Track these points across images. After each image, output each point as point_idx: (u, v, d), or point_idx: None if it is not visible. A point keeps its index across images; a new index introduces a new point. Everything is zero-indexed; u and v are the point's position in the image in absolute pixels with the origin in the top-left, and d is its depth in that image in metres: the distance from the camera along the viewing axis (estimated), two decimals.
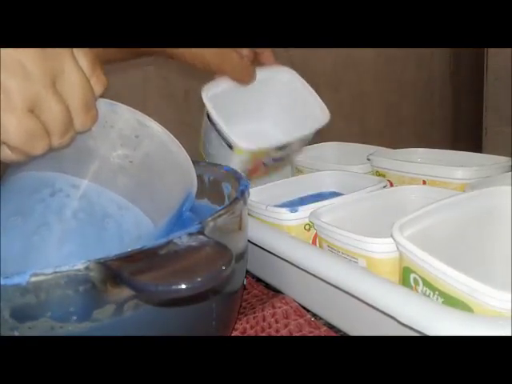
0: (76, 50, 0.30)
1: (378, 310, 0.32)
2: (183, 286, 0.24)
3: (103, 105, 0.34)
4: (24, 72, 0.27)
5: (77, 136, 0.32)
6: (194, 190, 0.40)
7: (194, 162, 0.39)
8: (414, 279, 0.34)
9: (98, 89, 0.32)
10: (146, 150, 0.35)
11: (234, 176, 0.43)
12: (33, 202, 0.33)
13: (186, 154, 0.38)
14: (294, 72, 0.55)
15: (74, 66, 0.30)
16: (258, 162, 0.52)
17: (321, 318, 0.43)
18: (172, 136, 0.36)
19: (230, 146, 0.48)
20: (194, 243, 0.28)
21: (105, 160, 0.34)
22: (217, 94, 0.51)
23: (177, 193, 0.38)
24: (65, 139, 0.30)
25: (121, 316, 0.28)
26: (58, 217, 0.32)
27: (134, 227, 0.35)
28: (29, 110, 0.28)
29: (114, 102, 0.35)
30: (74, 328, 0.27)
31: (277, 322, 0.42)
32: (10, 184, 0.35)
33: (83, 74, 0.30)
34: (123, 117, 0.35)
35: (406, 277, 0.35)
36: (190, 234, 0.29)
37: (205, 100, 0.49)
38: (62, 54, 0.29)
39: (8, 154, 0.30)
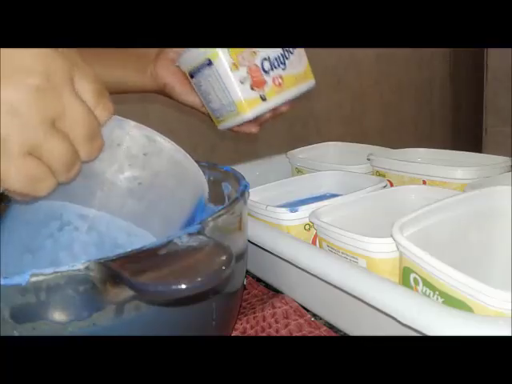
0: (80, 82, 0.29)
1: (378, 309, 0.32)
2: (183, 286, 0.24)
3: (110, 120, 0.32)
4: (17, 116, 0.27)
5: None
6: (206, 194, 0.39)
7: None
8: (414, 279, 0.34)
9: (104, 117, 0.31)
10: (154, 168, 0.34)
11: (234, 176, 0.43)
12: (42, 237, 0.32)
13: (194, 161, 0.37)
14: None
15: (75, 100, 0.29)
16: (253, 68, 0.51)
17: (321, 318, 0.43)
18: (179, 147, 0.35)
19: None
20: (193, 243, 0.28)
21: (112, 185, 0.33)
22: None
23: (188, 204, 0.37)
24: (70, 174, 0.30)
25: (121, 316, 0.28)
26: (68, 253, 0.32)
27: None
28: (28, 154, 0.27)
29: (121, 118, 0.33)
30: (74, 328, 0.27)
31: (277, 322, 0.42)
32: (17, 213, 0.34)
33: (85, 106, 0.29)
34: (130, 133, 0.34)
35: (406, 277, 0.35)
36: (190, 234, 0.29)
37: None
38: (61, 90, 0.28)
39: (16, 197, 0.29)
